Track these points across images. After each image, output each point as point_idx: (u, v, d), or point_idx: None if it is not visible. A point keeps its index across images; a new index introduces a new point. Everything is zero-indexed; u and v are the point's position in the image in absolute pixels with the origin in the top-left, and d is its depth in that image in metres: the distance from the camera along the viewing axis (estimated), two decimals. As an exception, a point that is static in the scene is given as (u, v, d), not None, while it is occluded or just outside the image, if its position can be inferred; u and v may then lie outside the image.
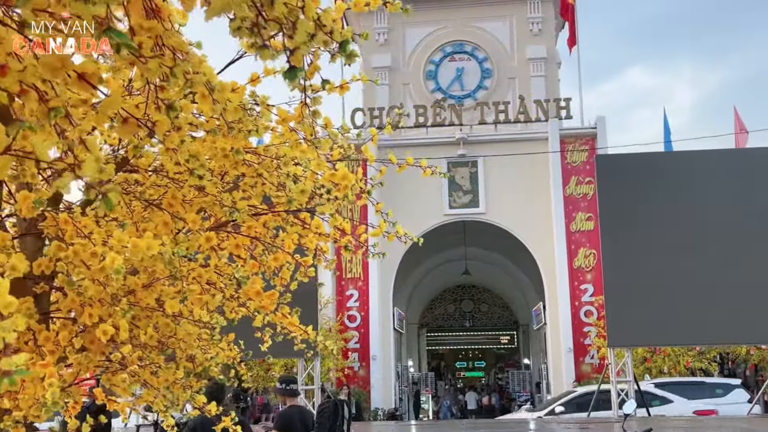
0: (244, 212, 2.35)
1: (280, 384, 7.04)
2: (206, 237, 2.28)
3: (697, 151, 14.23)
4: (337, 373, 22.37)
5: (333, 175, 2.55)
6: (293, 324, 2.92)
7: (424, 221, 24.45)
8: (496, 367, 41.67)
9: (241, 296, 2.69)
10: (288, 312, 2.92)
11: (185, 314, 2.45)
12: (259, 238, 2.62)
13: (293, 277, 2.97)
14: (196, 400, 2.70)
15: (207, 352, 2.62)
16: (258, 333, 3.10)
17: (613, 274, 13.33)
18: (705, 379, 19.58)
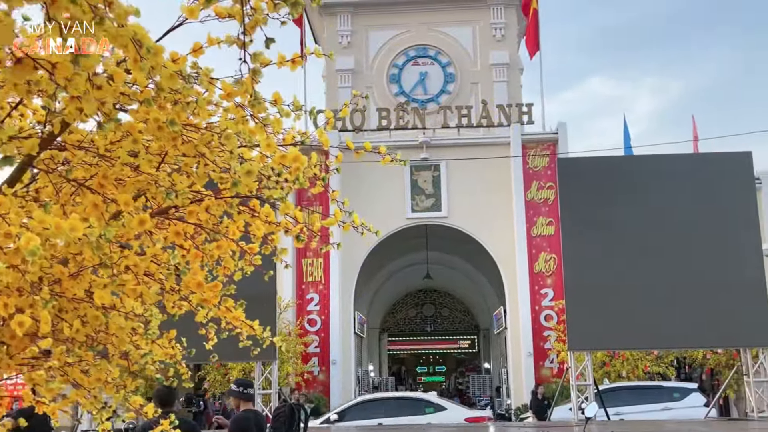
0: (183, 194, 2.14)
1: (236, 387, 6.78)
2: (139, 220, 2.07)
3: (656, 155, 14.32)
4: (297, 377, 22.06)
5: (283, 157, 2.36)
6: (237, 319, 2.71)
7: (387, 224, 24.31)
8: (456, 371, 41.67)
9: (183, 289, 2.48)
10: (232, 305, 2.70)
11: (118, 306, 2.23)
12: (201, 225, 2.41)
13: (245, 270, 2.74)
14: (131, 402, 2.47)
15: (141, 348, 2.39)
16: (202, 330, 2.88)
17: (574, 276, 13.31)
18: (662, 383, 19.74)
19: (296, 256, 24.07)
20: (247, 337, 3.23)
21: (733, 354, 20.70)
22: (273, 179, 2.21)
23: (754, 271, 12.85)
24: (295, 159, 2.32)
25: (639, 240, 13.18)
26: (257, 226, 2.46)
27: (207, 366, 21.42)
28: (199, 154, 2.24)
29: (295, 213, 2.57)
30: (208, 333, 2.90)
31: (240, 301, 2.75)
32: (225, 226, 2.45)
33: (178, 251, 2.43)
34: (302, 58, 2.38)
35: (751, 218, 13.02)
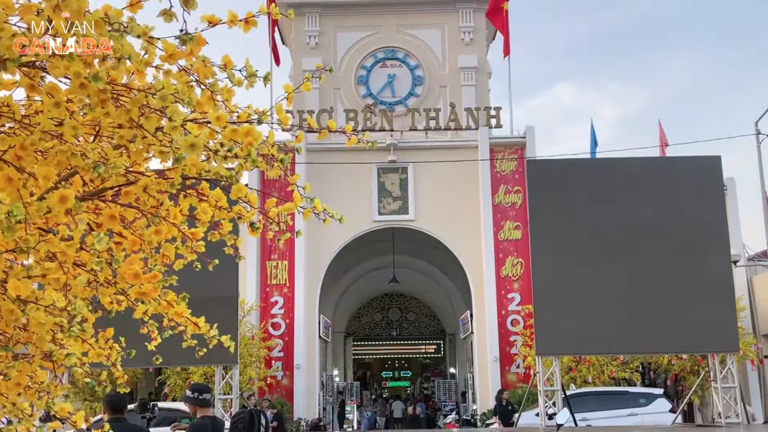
0: (114, 169, 1.84)
1: (191, 392, 6.38)
2: (60, 196, 1.76)
3: (626, 158, 14.22)
4: (260, 382, 21.62)
5: (234, 132, 2.07)
6: (180, 314, 2.40)
7: (353, 227, 24.04)
8: (422, 376, 41.45)
9: (119, 282, 2.16)
10: (174, 299, 2.39)
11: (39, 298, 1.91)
12: (139, 207, 2.10)
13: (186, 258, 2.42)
14: (57, 409, 2.15)
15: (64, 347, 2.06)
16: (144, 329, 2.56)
17: (542, 280, 13.13)
18: (628, 388, 19.70)
19: (260, 258, 23.65)
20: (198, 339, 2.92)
21: (698, 360, 20.82)
22: (221, 153, 1.91)
23: (722, 277, 12.79)
24: (248, 134, 2.03)
25: (608, 243, 13.06)
26: (203, 209, 2.16)
27: (167, 370, 20.90)
28: (136, 124, 1.94)
29: (249, 197, 2.27)
30: (151, 332, 2.57)
31: (182, 294, 2.43)
32: (165, 209, 2.15)
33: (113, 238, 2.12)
34: (272, 55, 2.08)
35: (719, 223, 12.98)
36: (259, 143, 2.05)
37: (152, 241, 2.14)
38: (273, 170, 2.49)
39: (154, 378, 24.34)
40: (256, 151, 2.08)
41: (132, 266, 2.11)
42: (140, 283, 2.14)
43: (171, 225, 2.15)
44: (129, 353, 2.67)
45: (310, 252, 23.69)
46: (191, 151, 1.86)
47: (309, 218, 8.95)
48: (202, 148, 1.90)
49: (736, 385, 12.94)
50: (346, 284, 31.48)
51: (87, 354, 2.32)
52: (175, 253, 2.28)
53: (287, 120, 2.51)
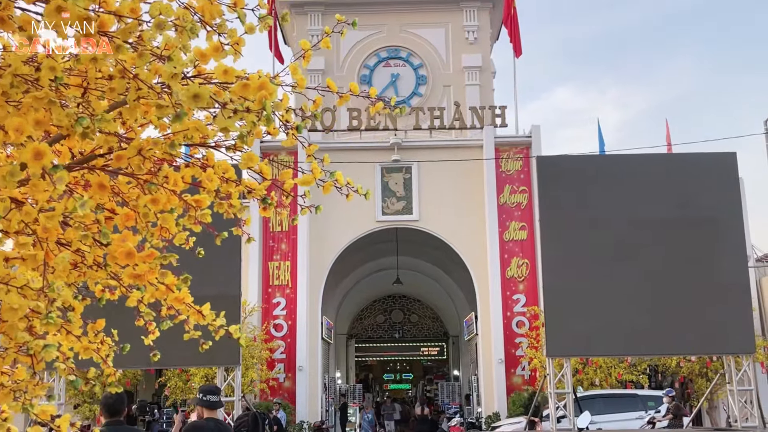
0: (102, 121, 1.53)
1: (199, 394, 6.15)
2: (34, 151, 1.45)
3: (639, 155, 13.89)
4: (261, 384, 21.29)
5: (245, 87, 1.75)
6: (181, 301, 2.08)
7: (357, 228, 23.74)
8: (424, 378, 41.09)
9: (110, 262, 1.85)
10: (175, 283, 2.07)
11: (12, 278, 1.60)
12: (134, 175, 1.79)
13: (188, 230, 2.08)
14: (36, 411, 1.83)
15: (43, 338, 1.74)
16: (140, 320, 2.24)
17: (552, 279, 12.78)
18: (637, 391, 19.40)
19: (262, 259, 23.35)
20: (204, 334, 2.61)
21: (706, 362, 20.48)
22: (230, 107, 1.60)
23: (737, 276, 12.46)
24: (262, 87, 1.72)
25: (619, 242, 12.71)
26: (209, 176, 1.85)
27: (167, 372, 20.58)
28: (131, 74, 1.62)
29: (262, 167, 1.96)
30: (148, 324, 2.25)
31: (183, 276, 2.11)
32: (164, 176, 1.83)
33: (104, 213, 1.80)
34: (274, 55, 1.77)
35: (735, 221, 12.64)
36: (274, 98, 1.74)
37: (148, 213, 1.83)
38: (288, 139, 2.17)
39: (154, 380, 24.02)
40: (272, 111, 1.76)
41: (124, 243, 1.80)
42: (134, 264, 1.82)
43: (170, 193, 1.84)
44: (123, 348, 2.34)
45: (313, 252, 23.38)
46: (194, 103, 1.55)
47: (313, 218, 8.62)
48: (208, 100, 1.58)
49: (752, 388, 12.61)
50: (349, 285, 31.16)
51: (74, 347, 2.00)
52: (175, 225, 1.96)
53: (304, 82, 2.19)
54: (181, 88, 1.57)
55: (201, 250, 2.44)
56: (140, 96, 1.66)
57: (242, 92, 1.77)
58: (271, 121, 1.73)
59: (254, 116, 1.69)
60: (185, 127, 1.87)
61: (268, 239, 23.61)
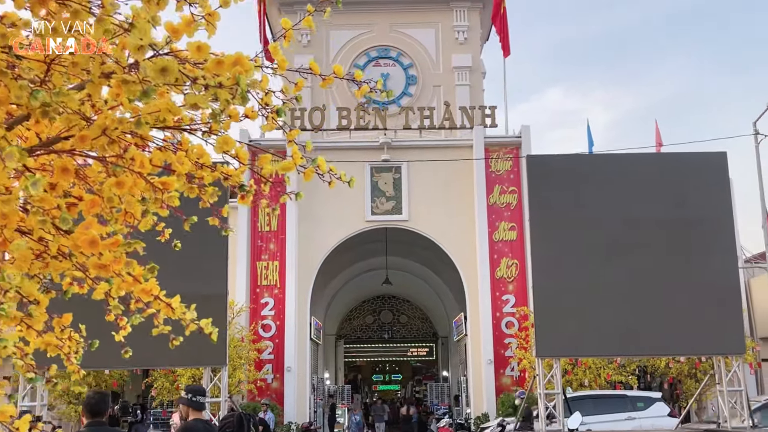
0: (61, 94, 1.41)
1: (185, 393, 6.03)
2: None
3: (629, 154, 13.83)
4: (249, 385, 21.11)
5: (219, 64, 1.63)
6: (148, 293, 1.95)
7: (346, 227, 23.63)
8: (413, 379, 41.01)
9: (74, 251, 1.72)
10: (142, 274, 1.94)
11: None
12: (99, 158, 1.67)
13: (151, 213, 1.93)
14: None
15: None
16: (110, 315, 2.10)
17: (543, 279, 12.68)
18: (626, 392, 19.36)
19: (250, 258, 23.18)
20: None
21: (695, 363, 20.46)
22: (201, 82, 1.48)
23: (727, 276, 12.40)
24: (237, 63, 1.60)
25: (610, 242, 12.62)
26: (179, 159, 1.73)
27: (154, 372, 20.38)
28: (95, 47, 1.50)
29: (239, 152, 1.84)
30: (119, 319, 2.12)
31: (150, 265, 1.98)
32: (131, 158, 1.71)
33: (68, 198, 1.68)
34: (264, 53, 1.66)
35: (725, 221, 12.58)
36: (251, 76, 1.62)
37: (113, 199, 1.70)
38: (267, 124, 2.05)
39: (141, 380, 23.80)
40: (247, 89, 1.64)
41: (88, 231, 1.67)
42: (98, 253, 1.70)
43: (137, 176, 1.72)
44: (92, 344, 2.21)
45: (302, 252, 23.23)
46: (162, 77, 1.43)
47: (302, 218, 8.50)
48: (177, 75, 1.46)
49: (742, 389, 12.56)
50: (337, 286, 31.02)
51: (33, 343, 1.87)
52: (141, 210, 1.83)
53: (285, 63, 2.07)
54: (147, 63, 1.45)
55: (177, 243, 2.31)
56: (105, 72, 1.54)
57: (216, 69, 1.65)
58: (246, 99, 1.61)
59: (227, 93, 1.57)
60: (156, 107, 1.75)
61: (257, 239, 23.46)
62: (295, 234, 23.16)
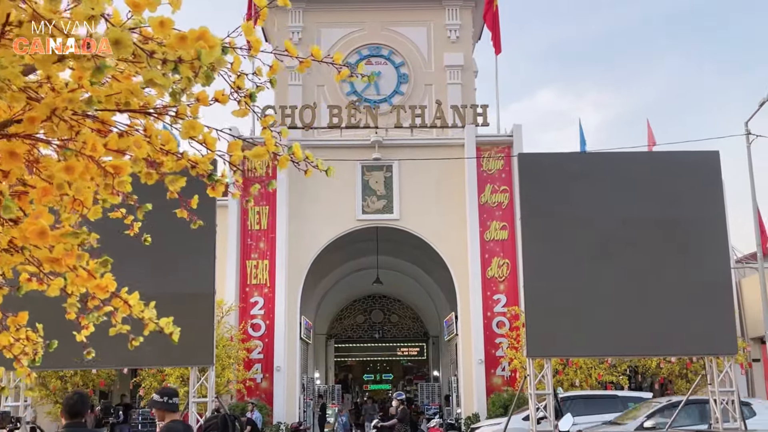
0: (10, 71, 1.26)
1: (159, 397, 5.90)
2: None
3: (621, 153, 13.73)
4: (238, 384, 20.94)
5: (181, 39, 1.49)
6: (103, 288, 1.80)
7: (336, 226, 23.48)
8: (404, 379, 40.90)
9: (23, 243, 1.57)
10: (96, 267, 1.79)
11: None
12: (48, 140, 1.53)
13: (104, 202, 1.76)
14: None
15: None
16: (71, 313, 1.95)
17: (534, 279, 12.57)
18: (618, 392, 19.30)
19: (240, 257, 23.01)
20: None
21: (686, 363, 20.42)
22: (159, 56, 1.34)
23: (720, 276, 12.32)
24: (200, 38, 1.46)
25: (602, 241, 12.52)
26: (136, 142, 1.58)
27: (142, 372, 20.20)
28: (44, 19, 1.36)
29: (206, 137, 1.70)
30: (79, 318, 1.97)
31: (103, 258, 1.82)
32: (83, 141, 1.56)
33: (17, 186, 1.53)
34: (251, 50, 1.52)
35: (718, 220, 12.50)
36: (217, 54, 1.48)
37: (63, 186, 1.55)
38: (239, 110, 1.91)
39: (129, 380, 23.61)
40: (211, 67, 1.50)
41: (37, 221, 1.53)
42: (48, 245, 1.55)
43: (89, 160, 1.57)
44: (50, 345, 2.06)
45: (292, 251, 23.07)
46: (116, 51, 1.29)
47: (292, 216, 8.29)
48: (132, 48, 1.32)
49: (734, 389, 12.48)
50: (328, 285, 30.87)
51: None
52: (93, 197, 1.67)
53: (259, 44, 1.93)
54: (100, 35, 1.31)
55: (147, 237, 2.17)
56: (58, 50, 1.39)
57: (179, 45, 1.51)
58: (210, 77, 1.47)
59: (189, 69, 1.43)
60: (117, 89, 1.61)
61: (246, 237, 23.29)
62: (285, 232, 23.00)
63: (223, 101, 1.81)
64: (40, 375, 19.16)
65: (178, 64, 1.40)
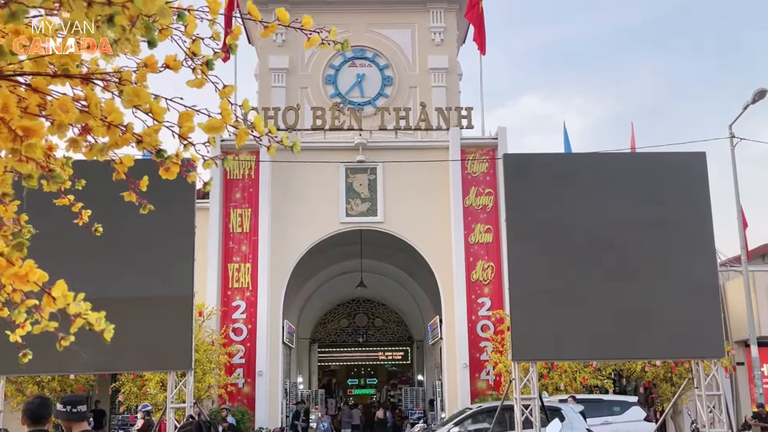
0: None
1: (62, 406, 5.33)
2: None
3: (609, 153, 13.60)
4: (219, 389, 20.61)
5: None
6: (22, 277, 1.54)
7: (320, 229, 23.24)
8: (388, 383, 40.70)
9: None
10: (7, 250, 1.53)
11: None
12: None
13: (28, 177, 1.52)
14: None
15: None
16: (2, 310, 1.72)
17: (519, 281, 12.39)
18: (603, 396, 19.18)
19: (221, 260, 22.71)
20: None
21: (671, 367, 20.34)
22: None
23: (706, 279, 12.19)
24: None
25: (588, 243, 12.36)
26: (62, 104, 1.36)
27: (121, 377, 19.82)
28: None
29: (153, 106, 1.48)
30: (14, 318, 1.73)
31: (16, 240, 1.57)
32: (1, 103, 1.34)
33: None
34: None
35: (704, 221, 12.37)
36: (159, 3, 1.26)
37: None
38: (195, 80, 1.69)
39: (108, 385, 23.21)
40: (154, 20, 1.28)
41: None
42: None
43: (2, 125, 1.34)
44: (24, 356, 1.81)
45: (275, 254, 22.79)
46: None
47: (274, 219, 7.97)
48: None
49: (720, 393, 12.37)
50: (312, 288, 30.61)
51: None
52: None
53: (218, 6, 1.71)
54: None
55: (99, 227, 1.93)
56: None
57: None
58: (150, 29, 1.26)
59: (124, 18, 1.21)
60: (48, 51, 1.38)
61: (228, 240, 22.99)
62: (268, 235, 22.73)
63: (175, 68, 1.60)
64: (17, 381, 18.74)
65: (107, 6, 1.18)
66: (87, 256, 9.87)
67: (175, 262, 11.50)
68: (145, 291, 10.43)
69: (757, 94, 20.59)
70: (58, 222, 4.28)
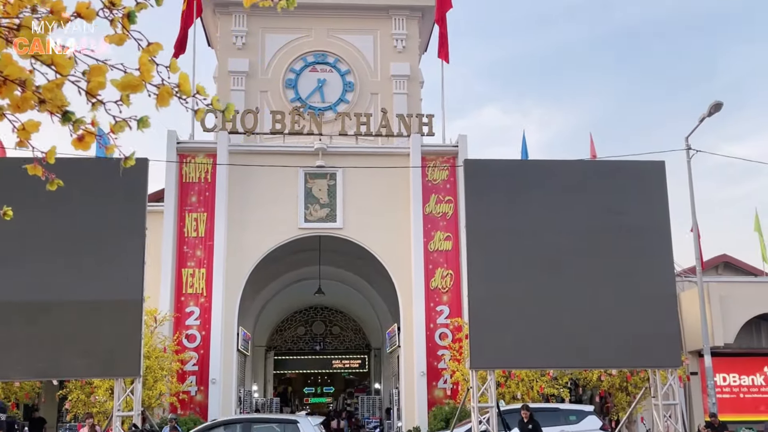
0: None
1: None
2: None
3: (570, 161, 13.54)
4: (171, 397, 20.08)
5: None
6: None
7: (277, 235, 22.88)
8: (345, 392, 40.35)
9: None
10: None
11: None
12: None
13: None
14: None
15: None
16: None
17: (478, 288, 12.27)
18: (559, 405, 19.16)
19: (175, 265, 22.19)
20: None
21: (626, 376, 20.44)
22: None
23: (665, 287, 12.22)
24: None
25: (547, 250, 12.31)
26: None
27: (69, 384, 19.19)
28: None
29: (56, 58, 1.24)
30: None
31: None
32: None
33: None
34: None
35: (663, 229, 12.41)
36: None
37: None
38: (114, 35, 1.46)
39: (55, 393, 22.48)
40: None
41: None
42: None
43: None
44: None
45: (230, 260, 22.36)
46: None
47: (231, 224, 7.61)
48: None
49: (677, 402, 12.38)
50: (268, 295, 30.17)
51: None
52: None
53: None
54: None
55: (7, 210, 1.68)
56: None
57: None
58: None
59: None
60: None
61: (183, 245, 22.48)
62: (224, 240, 22.29)
63: (88, 17, 1.37)
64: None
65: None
66: (30, 258, 9.45)
67: (125, 265, 11.10)
68: (92, 294, 10.04)
69: (713, 107, 20.87)
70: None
